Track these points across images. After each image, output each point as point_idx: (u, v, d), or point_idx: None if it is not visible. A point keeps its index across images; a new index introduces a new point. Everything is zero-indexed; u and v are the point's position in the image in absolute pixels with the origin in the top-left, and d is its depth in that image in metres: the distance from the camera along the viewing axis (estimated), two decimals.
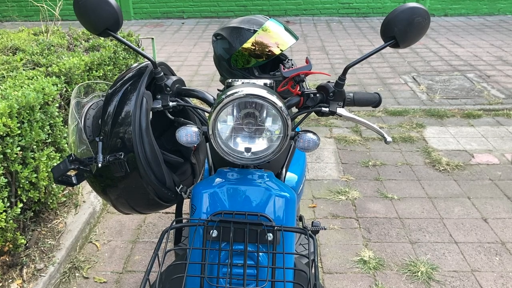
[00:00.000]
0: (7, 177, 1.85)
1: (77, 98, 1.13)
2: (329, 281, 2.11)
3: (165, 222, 2.58)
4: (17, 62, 2.55)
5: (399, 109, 4.14)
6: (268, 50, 1.50)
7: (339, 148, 3.42)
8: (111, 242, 2.42)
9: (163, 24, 8.43)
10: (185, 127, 1.07)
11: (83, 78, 2.61)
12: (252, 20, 1.56)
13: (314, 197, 2.80)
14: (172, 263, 1.05)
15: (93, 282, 2.13)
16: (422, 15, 0.99)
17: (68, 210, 2.48)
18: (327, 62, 5.76)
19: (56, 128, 2.24)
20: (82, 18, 1.02)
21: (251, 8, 8.71)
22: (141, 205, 1.17)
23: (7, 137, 1.83)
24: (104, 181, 1.10)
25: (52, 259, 2.12)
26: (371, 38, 6.99)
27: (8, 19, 8.66)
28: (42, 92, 2.09)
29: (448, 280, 2.11)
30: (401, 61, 5.72)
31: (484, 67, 5.37)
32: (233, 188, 1.10)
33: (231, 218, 1.02)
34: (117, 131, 1.03)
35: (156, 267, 0.93)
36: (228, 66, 1.59)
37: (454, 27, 7.56)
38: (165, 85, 1.12)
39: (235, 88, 1.02)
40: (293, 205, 1.11)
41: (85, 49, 3.09)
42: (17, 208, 1.89)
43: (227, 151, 1.05)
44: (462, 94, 4.51)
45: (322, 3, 8.66)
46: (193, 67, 5.63)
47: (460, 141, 3.52)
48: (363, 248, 2.32)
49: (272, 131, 1.04)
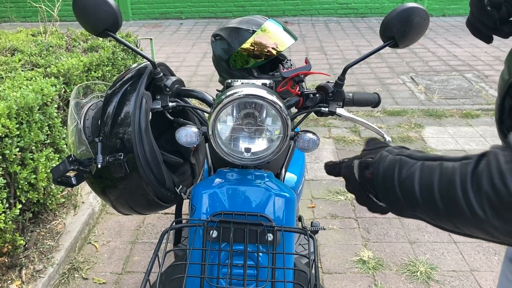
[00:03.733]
0: (6, 178, 1.85)
1: (76, 99, 1.13)
2: (329, 281, 2.12)
3: (165, 222, 2.58)
4: (16, 63, 2.55)
5: (397, 109, 4.14)
6: (267, 51, 1.50)
7: (338, 148, 3.43)
8: (110, 243, 2.42)
9: (162, 24, 8.43)
10: (185, 127, 1.07)
11: (81, 79, 2.60)
12: (251, 20, 1.56)
13: (313, 197, 2.80)
14: (172, 264, 1.06)
15: (92, 283, 2.13)
16: (421, 15, 0.99)
17: (67, 211, 2.48)
18: (325, 62, 5.76)
19: (55, 129, 2.24)
20: (81, 18, 1.02)
21: (249, 8, 8.72)
22: (141, 205, 1.17)
23: (5, 138, 1.82)
24: (103, 182, 1.10)
25: (51, 260, 2.12)
26: (370, 38, 6.99)
27: (7, 20, 8.65)
28: (40, 93, 2.09)
29: (447, 279, 2.12)
30: (399, 61, 5.72)
31: (482, 67, 5.38)
32: (233, 188, 1.10)
33: (231, 219, 1.02)
34: (117, 131, 1.03)
35: (156, 267, 0.92)
36: (227, 66, 1.59)
37: (452, 27, 7.57)
38: (164, 86, 1.12)
39: (234, 89, 1.02)
40: (292, 205, 1.11)
41: (83, 49, 3.08)
42: (16, 209, 1.89)
43: (226, 152, 1.05)
44: (460, 94, 4.52)
45: (320, 3, 8.67)
46: (192, 68, 5.63)
47: (459, 141, 3.53)
48: (362, 248, 2.33)
49: (272, 131, 1.05)
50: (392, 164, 0.72)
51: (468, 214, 0.59)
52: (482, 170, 0.58)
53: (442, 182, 0.63)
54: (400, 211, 0.72)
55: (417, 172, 0.67)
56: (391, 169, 0.71)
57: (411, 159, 0.70)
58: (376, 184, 0.75)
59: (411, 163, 0.69)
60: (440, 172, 0.64)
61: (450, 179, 0.61)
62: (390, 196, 0.72)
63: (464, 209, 0.59)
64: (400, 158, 0.72)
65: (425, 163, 0.67)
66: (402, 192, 0.69)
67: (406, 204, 0.69)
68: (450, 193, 0.61)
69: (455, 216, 0.61)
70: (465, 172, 0.60)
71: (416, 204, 0.67)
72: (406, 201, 0.69)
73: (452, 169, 0.62)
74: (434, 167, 0.65)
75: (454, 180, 0.61)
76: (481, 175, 0.57)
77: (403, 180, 0.68)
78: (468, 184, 0.58)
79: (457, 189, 0.60)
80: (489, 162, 0.58)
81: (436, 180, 0.63)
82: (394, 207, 0.73)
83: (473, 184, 0.58)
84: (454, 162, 0.64)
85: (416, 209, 0.68)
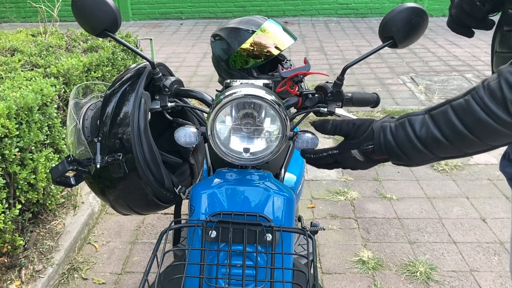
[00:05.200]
0: (5, 178, 1.85)
1: (75, 99, 1.13)
2: (328, 282, 2.11)
3: (164, 223, 2.58)
4: (15, 63, 2.55)
5: (397, 110, 4.14)
6: (266, 51, 1.50)
7: None
8: (109, 243, 2.42)
9: (162, 25, 8.43)
10: (184, 127, 1.07)
11: (81, 79, 2.60)
12: (251, 20, 1.56)
13: (313, 197, 2.80)
14: (171, 264, 1.05)
15: (91, 283, 2.13)
16: (420, 15, 0.99)
17: (67, 211, 2.48)
18: (325, 62, 5.76)
19: (54, 129, 2.24)
20: (80, 19, 1.02)
21: (249, 9, 8.72)
22: (140, 205, 1.17)
23: (5, 138, 1.82)
24: (102, 182, 1.10)
25: (51, 260, 2.12)
26: (369, 38, 6.99)
27: (6, 20, 8.65)
28: (40, 93, 2.09)
29: (447, 280, 2.12)
30: (399, 61, 5.72)
31: (482, 67, 5.38)
32: (232, 188, 1.10)
33: (230, 219, 1.01)
34: (116, 132, 1.03)
35: (155, 267, 0.93)
36: (227, 66, 1.59)
37: None
38: (163, 86, 1.12)
39: (233, 89, 1.02)
40: (292, 205, 1.11)
41: (83, 50, 3.09)
42: (16, 210, 1.89)
43: (225, 152, 1.05)
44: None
45: (320, 3, 8.67)
46: (192, 68, 5.63)
47: None
48: (362, 249, 2.32)
49: (271, 132, 1.04)
50: (400, 129, 0.81)
51: (498, 127, 0.70)
52: (493, 86, 0.70)
53: (461, 115, 0.73)
54: (421, 160, 0.82)
55: (429, 121, 0.77)
56: (402, 133, 0.80)
57: (416, 116, 0.80)
58: (391, 155, 0.83)
59: (419, 119, 0.79)
60: (453, 110, 0.74)
61: (468, 110, 0.72)
62: (409, 153, 0.81)
63: (493, 124, 0.70)
64: (405, 120, 0.81)
65: (432, 112, 0.78)
66: (423, 143, 0.78)
67: (429, 151, 0.78)
68: (474, 119, 0.71)
69: (486, 136, 0.72)
70: (479, 96, 0.71)
71: (440, 147, 0.77)
72: (428, 149, 0.78)
73: (464, 102, 0.73)
74: (445, 110, 0.76)
75: (472, 107, 0.71)
76: (496, 88, 0.69)
77: (421, 133, 0.78)
78: (488, 103, 0.70)
79: (479, 113, 0.71)
80: (500, 74, 0.70)
81: (454, 118, 0.74)
82: (414, 160, 0.82)
83: (492, 100, 0.69)
84: (460, 99, 0.74)
85: (440, 151, 0.78)
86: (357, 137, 0.90)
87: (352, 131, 0.91)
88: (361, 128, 0.90)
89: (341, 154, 0.94)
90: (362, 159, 0.91)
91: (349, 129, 0.92)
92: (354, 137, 0.91)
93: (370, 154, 0.88)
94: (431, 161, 0.82)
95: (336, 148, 0.95)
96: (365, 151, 0.89)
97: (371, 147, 0.87)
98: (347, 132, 0.92)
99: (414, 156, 0.81)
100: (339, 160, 0.95)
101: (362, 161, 0.91)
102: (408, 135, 0.79)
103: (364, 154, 0.89)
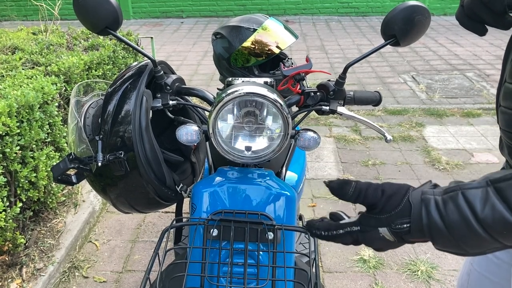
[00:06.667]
0: (6, 177, 1.85)
1: (76, 97, 1.13)
2: (329, 280, 2.11)
3: (165, 221, 2.58)
4: (16, 61, 2.55)
5: (398, 108, 4.14)
6: (267, 49, 1.50)
7: (339, 147, 3.42)
8: (110, 242, 2.42)
9: (162, 23, 8.43)
10: (185, 126, 1.07)
11: (82, 77, 2.60)
12: (252, 19, 1.55)
13: (314, 196, 2.80)
14: (172, 262, 1.05)
15: (92, 282, 2.13)
16: (423, 13, 0.98)
17: (68, 210, 2.48)
18: (326, 61, 5.76)
19: (55, 127, 2.24)
20: (82, 16, 1.02)
21: (250, 7, 8.71)
22: (141, 204, 1.17)
23: (6, 136, 1.82)
24: (104, 180, 1.10)
25: (52, 259, 2.12)
26: (371, 37, 6.99)
27: (7, 18, 8.65)
28: (41, 91, 2.08)
29: (448, 279, 2.11)
30: (400, 60, 5.72)
31: (483, 66, 5.37)
32: (233, 187, 1.09)
33: (231, 217, 1.01)
34: (117, 130, 1.03)
35: (156, 266, 0.92)
36: (228, 65, 1.59)
37: (453, 26, 7.56)
38: (165, 84, 1.12)
39: (235, 87, 1.01)
40: (293, 204, 1.11)
41: (84, 48, 3.08)
42: (17, 208, 1.89)
43: (227, 150, 1.05)
44: (461, 93, 4.51)
45: (321, 2, 8.66)
46: (193, 67, 5.63)
47: (460, 140, 3.52)
48: (363, 247, 2.32)
49: (273, 130, 1.04)
50: (451, 206, 0.62)
51: None
52: None
53: None
54: (480, 249, 0.63)
55: (494, 197, 0.59)
56: (455, 211, 0.61)
57: (474, 189, 0.61)
58: (437, 239, 0.64)
59: (479, 193, 0.60)
60: None
61: None
62: (465, 240, 0.61)
63: None
64: (457, 193, 0.62)
65: (498, 184, 0.60)
66: (487, 228, 0.59)
67: (494, 239, 0.60)
68: None
69: None
70: None
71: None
72: (494, 236, 0.59)
73: None
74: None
75: None
76: None
77: (484, 214, 0.59)
78: None
79: None
80: None
81: None
82: (469, 249, 0.63)
83: None
84: None
85: (508, 238, 0.59)
86: (387, 210, 0.67)
87: (380, 202, 0.68)
88: (393, 198, 0.67)
89: (364, 233, 0.70)
90: (393, 240, 0.68)
91: (376, 197, 0.68)
92: (383, 210, 0.68)
93: (405, 235, 0.66)
94: (495, 250, 0.62)
95: (358, 224, 0.71)
96: (397, 231, 0.67)
97: (407, 227, 0.65)
98: (374, 202, 0.69)
99: (470, 244, 0.61)
100: (361, 240, 0.71)
101: (392, 241, 0.69)
102: (464, 215, 0.60)
103: (396, 235, 0.67)
